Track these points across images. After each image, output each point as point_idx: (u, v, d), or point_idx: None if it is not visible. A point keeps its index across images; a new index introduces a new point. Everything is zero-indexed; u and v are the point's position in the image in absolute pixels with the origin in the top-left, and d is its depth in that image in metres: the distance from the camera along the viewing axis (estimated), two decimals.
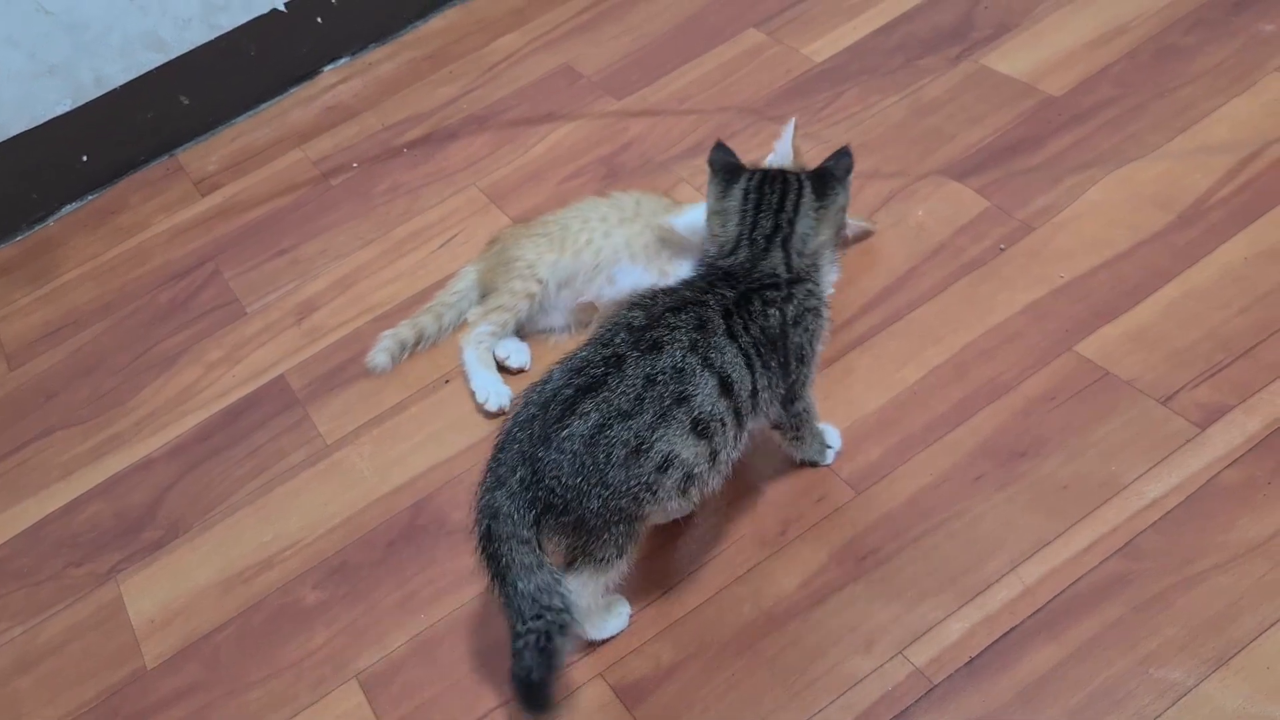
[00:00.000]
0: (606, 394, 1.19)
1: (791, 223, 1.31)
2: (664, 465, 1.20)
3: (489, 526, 1.21)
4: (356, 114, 2.38)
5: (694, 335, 1.23)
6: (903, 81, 2.01)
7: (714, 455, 1.24)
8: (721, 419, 1.23)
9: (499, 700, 1.35)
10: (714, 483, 1.27)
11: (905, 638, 1.28)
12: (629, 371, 1.20)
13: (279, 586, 1.54)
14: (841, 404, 1.53)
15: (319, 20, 2.46)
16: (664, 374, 1.20)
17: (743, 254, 1.31)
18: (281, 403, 1.80)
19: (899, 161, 1.87)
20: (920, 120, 1.93)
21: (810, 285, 1.32)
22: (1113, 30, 1.96)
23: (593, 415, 1.19)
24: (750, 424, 1.28)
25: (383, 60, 2.51)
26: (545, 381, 1.25)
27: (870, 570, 1.35)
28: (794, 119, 1.74)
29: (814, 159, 1.44)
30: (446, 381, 1.74)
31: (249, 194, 2.25)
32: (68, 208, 2.36)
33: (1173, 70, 1.87)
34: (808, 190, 1.33)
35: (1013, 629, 1.26)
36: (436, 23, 2.58)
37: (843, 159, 1.35)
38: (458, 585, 1.48)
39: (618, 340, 1.23)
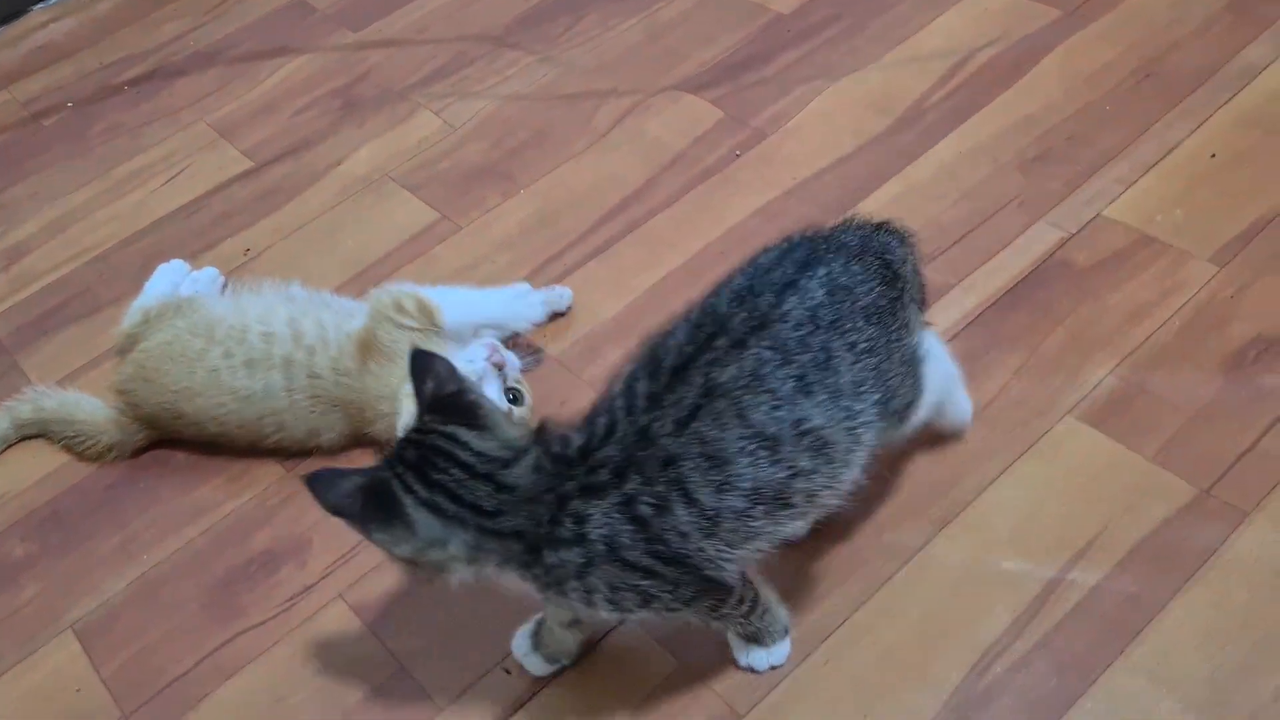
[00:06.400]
0: None
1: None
2: None
3: None
4: (71, 54, 2.20)
5: None
6: (639, 5, 2.01)
7: None
8: None
9: (226, 637, 1.27)
10: None
11: None
12: None
13: None
14: (583, 311, 1.52)
15: None
16: None
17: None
18: None
19: (635, 80, 1.86)
20: (656, 41, 1.93)
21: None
22: None
23: None
24: None
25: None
26: None
27: None
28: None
29: (553, 82, 1.41)
30: None
31: None
32: None
33: None
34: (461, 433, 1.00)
35: None
36: None
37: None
38: (181, 523, 1.38)
39: None
